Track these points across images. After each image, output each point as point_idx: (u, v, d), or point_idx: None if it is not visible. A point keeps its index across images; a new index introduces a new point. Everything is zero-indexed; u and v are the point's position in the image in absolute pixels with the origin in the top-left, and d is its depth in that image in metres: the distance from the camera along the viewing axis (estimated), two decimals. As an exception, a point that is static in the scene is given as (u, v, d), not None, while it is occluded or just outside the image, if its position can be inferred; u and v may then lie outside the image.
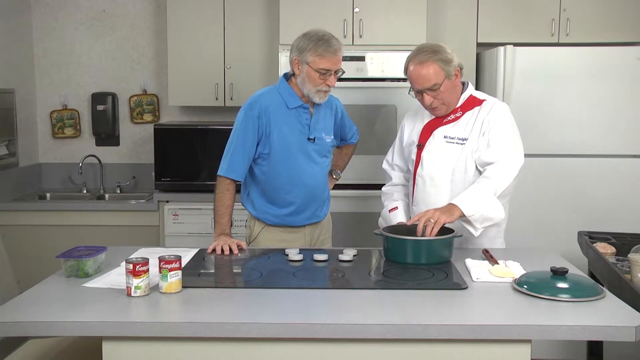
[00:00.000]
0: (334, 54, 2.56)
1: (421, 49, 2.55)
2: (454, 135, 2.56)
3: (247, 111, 2.63)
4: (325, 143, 2.74)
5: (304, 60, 2.56)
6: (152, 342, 1.79)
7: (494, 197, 2.39)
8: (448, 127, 2.58)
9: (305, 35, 2.60)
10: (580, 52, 3.65)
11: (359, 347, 1.79)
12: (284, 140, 2.63)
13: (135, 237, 3.92)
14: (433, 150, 2.59)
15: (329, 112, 2.77)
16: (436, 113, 2.60)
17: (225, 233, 2.60)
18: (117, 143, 4.61)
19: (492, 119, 2.51)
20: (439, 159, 2.57)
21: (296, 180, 2.66)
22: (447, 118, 2.59)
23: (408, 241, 2.32)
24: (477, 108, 2.57)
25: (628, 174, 3.66)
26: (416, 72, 2.50)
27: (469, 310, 1.91)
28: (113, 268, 2.23)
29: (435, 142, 2.59)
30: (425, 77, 2.49)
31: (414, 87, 2.55)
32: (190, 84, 4.16)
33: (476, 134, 2.53)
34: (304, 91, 2.62)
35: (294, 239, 2.73)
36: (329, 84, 2.58)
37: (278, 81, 2.72)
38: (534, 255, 2.45)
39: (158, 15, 4.49)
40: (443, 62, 2.49)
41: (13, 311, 1.86)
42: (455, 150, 2.55)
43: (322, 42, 2.55)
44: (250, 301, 1.92)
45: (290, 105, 2.64)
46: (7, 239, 3.11)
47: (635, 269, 2.25)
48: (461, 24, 4.07)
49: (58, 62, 4.54)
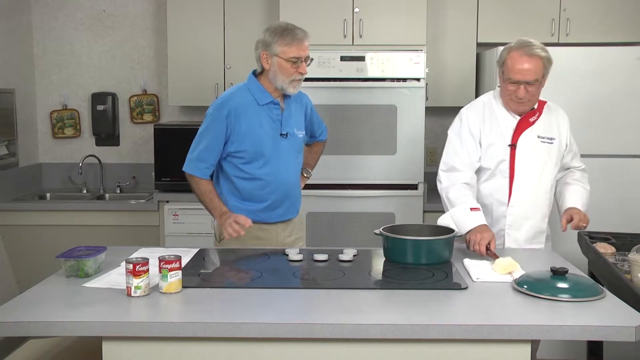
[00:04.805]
0: (301, 41, 2.60)
1: (528, 42, 2.59)
2: (544, 135, 2.67)
3: (217, 111, 2.65)
4: (298, 138, 2.76)
5: (273, 53, 2.59)
6: (152, 342, 1.79)
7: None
8: (538, 127, 2.66)
9: (269, 29, 2.64)
10: (580, 52, 3.65)
11: (359, 347, 1.79)
12: (257, 137, 2.64)
13: (135, 237, 3.92)
14: (530, 149, 2.64)
15: (299, 107, 2.80)
16: (521, 109, 2.64)
17: (223, 212, 2.63)
18: (117, 143, 4.61)
19: (567, 124, 2.74)
20: (536, 158, 2.66)
21: (270, 177, 2.67)
22: (532, 118, 2.67)
23: (408, 241, 2.32)
24: (545, 109, 2.71)
25: (628, 174, 3.66)
26: (523, 64, 2.53)
27: (469, 310, 1.91)
28: (113, 268, 2.23)
29: (530, 141, 2.65)
30: (531, 70, 2.53)
31: (514, 78, 2.55)
32: (190, 84, 4.16)
33: (562, 134, 2.70)
34: (276, 84, 2.64)
35: (266, 236, 2.72)
36: (301, 71, 2.62)
37: (247, 79, 2.73)
38: (534, 255, 2.45)
39: (158, 15, 4.49)
40: (548, 60, 2.57)
41: (13, 311, 1.86)
42: (546, 149, 2.67)
43: (287, 32, 2.59)
44: (250, 301, 1.92)
45: (261, 102, 2.66)
46: (7, 239, 3.10)
47: (635, 269, 2.25)
48: (461, 24, 4.07)
49: (58, 62, 4.54)
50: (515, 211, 2.65)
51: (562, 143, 2.71)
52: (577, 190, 2.73)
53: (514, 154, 2.64)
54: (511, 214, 2.65)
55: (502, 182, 2.66)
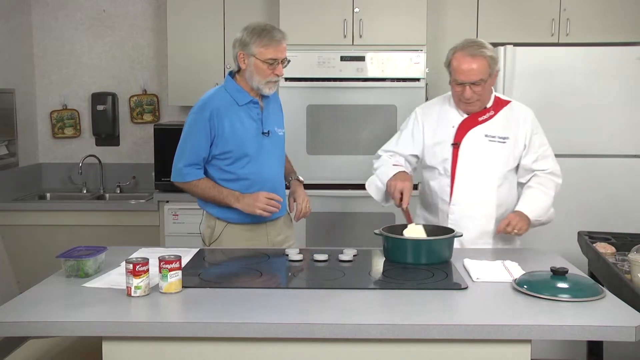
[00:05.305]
0: (279, 43, 2.58)
1: (472, 42, 2.56)
2: (495, 134, 2.61)
3: (198, 114, 2.63)
4: (279, 136, 2.76)
5: (250, 53, 2.58)
6: (152, 342, 1.79)
7: (551, 204, 2.63)
8: (486, 126, 2.62)
9: (247, 28, 2.61)
10: (580, 52, 3.65)
11: (359, 347, 1.79)
12: (240, 137, 2.63)
13: (135, 237, 3.92)
14: (474, 149, 2.61)
15: (277, 106, 2.81)
16: (470, 109, 2.61)
17: (238, 196, 2.62)
18: (117, 143, 4.61)
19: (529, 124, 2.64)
20: (481, 158, 2.61)
21: (255, 176, 2.67)
22: (482, 117, 2.62)
23: (408, 241, 2.32)
24: (506, 108, 2.65)
25: (628, 174, 3.66)
26: (467, 64, 2.50)
27: (469, 310, 1.91)
28: (113, 268, 2.23)
29: (475, 140, 2.61)
30: (475, 71, 2.50)
31: (458, 79, 2.54)
32: (190, 84, 4.15)
33: (519, 134, 2.62)
34: (252, 85, 2.63)
35: (256, 236, 2.72)
36: (277, 73, 2.60)
37: (224, 81, 2.72)
38: (534, 255, 2.45)
39: (158, 15, 4.49)
40: (492, 59, 2.53)
41: (13, 311, 1.86)
42: (497, 149, 2.60)
43: (265, 33, 2.57)
44: (250, 301, 1.92)
45: (240, 102, 2.65)
46: (7, 239, 3.10)
47: (635, 269, 2.25)
48: (461, 24, 4.07)
49: (58, 62, 4.54)
50: (457, 209, 2.62)
51: (519, 143, 2.62)
52: (532, 195, 2.62)
53: (457, 153, 2.62)
54: (453, 212, 2.63)
55: (445, 181, 2.65)
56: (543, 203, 2.61)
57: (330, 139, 3.29)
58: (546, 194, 2.62)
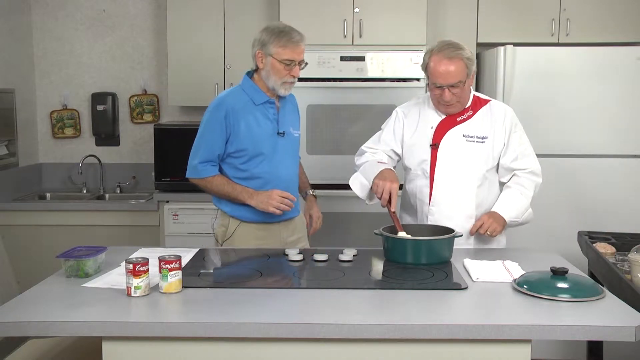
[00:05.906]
0: (297, 44, 2.61)
1: (447, 44, 2.53)
2: (473, 134, 2.60)
3: (214, 112, 2.65)
4: (294, 137, 2.78)
5: (268, 53, 2.60)
6: (152, 342, 1.79)
7: (528, 205, 2.60)
8: (465, 126, 2.60)
9: (267, 28, 2.65)
10: (580, 52, 3.65)
11: (359, 347, 1.79)
12: (255, 136, 2.65)
13: (135, 237, 3.93)
14: (452, 149, 2.59)
15: (294, 107, 2.83)
16: (450, 110, 2.60)
17: (252, 193, 2.64)
18: (117, 143, 4.61)
19: (508, 123, 2.61)
20: (460, 158, 2.59)
21: (269, 175, 2.68)
22: (460, 117, 2.61)
23: (408, 241, 2.32)
24: (485, 108, 2.63)
25: (628, 174, 3.66)
26: (444, 67, 2.49)
27: (469, 310, 1.91)
28: (113, 268, 2.23)
29: (453, 141, 2.59)
30: (452, 73, 2.48)
31: (436, 82, 2.52)
32: (190, 84, 4.16)
33: (498, 133, 2.59)
34: (269, 84, 2.65)
35: (269, 236, 2.72)
36: (293, 74, 2.63)
37: (242, 80, 2.74)
38: (534, 255, 2.45)
39: (158, 15, 4.49)
40: (469, 60, 2.52)
41: (13, 311, 1.86)
42: (475, 149, 2.59)
43: (284, 34, 2.60)
44: (250, 301, 1.92)
45: (257, 102, 2.67)
46: (7, 239, 3.10)
47: (635, 269, 2.25)
48: (461, 24, 4.07)
49: (58, 62, 4.54)
50: (436, 210, 2.61)
51: (498, 142, 2.60)
52: (509, 195, 2.60)
53: (435, 154, 2.60)
54: (432, 213, 2.61)
55: (423, 182, 2.64)
56: (519, 204, 2.59)
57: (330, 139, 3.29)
58: (524, 194, 2.60)
